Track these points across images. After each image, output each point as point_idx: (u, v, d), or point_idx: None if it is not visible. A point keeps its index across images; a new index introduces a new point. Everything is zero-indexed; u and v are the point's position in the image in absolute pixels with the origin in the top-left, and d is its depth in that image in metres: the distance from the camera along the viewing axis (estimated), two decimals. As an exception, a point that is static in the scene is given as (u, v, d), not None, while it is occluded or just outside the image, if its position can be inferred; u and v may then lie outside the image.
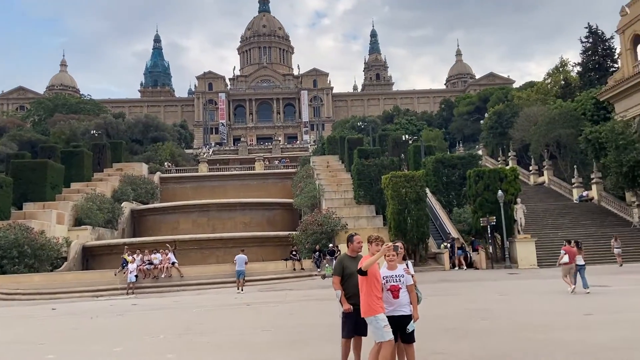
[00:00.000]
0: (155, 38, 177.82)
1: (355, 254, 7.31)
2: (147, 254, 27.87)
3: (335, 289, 7.21)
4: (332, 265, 29.74)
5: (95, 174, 55.24)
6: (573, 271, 17.13)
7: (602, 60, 63.84)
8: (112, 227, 44.63)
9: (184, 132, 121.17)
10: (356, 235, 7.47)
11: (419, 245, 31.00)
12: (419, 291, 7.10)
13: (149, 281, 27.11)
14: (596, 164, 41.96)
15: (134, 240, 39.59)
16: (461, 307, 14.03)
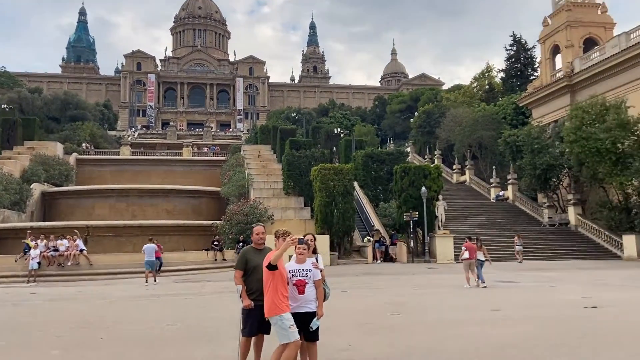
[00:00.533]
0: (80, 11, 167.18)
1: (262, 247, 6.86)
2: (53, 239, 25.92)
3: (236, 284, 6.73)
4: (256, 256, 29.22)
5: (4, 151, 51.23)
6: (473, 266, 17.87)
7: (523, 68, 67.51)
8: (19, 210, 41.45)
9: (107, 112, 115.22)
10: (257, 225, 7.01)
11: (345, 238, 31.20)
12: (327, 286, 6.80)
13: (54, 269, 25.24)
14: (513, 165, 44.19)
15: (43, 224, 36.94)
16: (377, 301, 14.04)
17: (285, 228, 26.10)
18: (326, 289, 6.76)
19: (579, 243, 36.14)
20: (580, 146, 33.80)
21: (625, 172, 32.48)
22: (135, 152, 68.60)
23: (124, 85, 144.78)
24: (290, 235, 6.21)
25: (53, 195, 46.33)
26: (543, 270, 25.14)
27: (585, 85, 41.82)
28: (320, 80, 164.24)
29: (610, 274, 22.53)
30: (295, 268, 6.45)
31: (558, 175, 40.03)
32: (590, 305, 12.57)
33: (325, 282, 6.85)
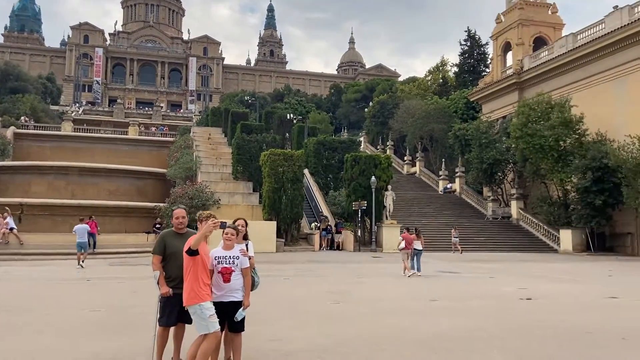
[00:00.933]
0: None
1: (183, 231, 6.33)
2: (-22, 216, 24.20)
3: (153, 270, 6.18)
4: (200, 240, 28.41)
5: None
6: (410, 255, 18.18)
7: (476, 63, 68.90)
8: (-53, 184, 38.75)
9: (50, 86, 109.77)
10: (178, 208, 6.48)
11: (292, 225, 30.84)
12: (256, 275, 6.39)
13: (-20, 248, 23.60)
14: (461, 159, 45.10)
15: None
16: (318, 290, 13.78)
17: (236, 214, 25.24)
18: (255, 278, 6.35)
19: (520, 236, 37.36)
20: (525, 142, 34.77)
21: (565, 169, 33.69)
22: (78, 129, 65.64)
23: (70, 58, 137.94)
24: (212, 219, 5.72)
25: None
26: (484, 261, 25.70)
27: (533, 83, 43.02)
28: (277, 65, 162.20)
29: (546, 266, 23.28)
30: (221, 254, 5.99)
31: (503, 170, 41.16)
32: (525, 297, 12.77)
33: (255, 271, 6.44)
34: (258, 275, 6.45)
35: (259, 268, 18.85)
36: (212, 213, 6.03)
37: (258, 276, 6.45)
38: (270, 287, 14.13)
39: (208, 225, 5.58)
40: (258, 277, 6.44)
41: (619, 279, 18.26)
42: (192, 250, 5.53)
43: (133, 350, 6.86)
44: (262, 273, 18.51)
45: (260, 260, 22.52)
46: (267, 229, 28.78)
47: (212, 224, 5.60)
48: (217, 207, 31.92)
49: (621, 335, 8.38)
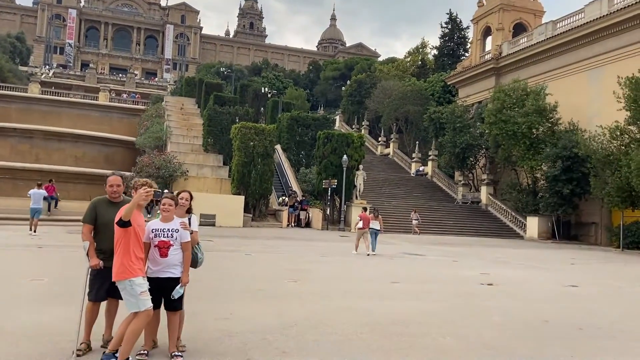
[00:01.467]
0: None
1: (118, 199, 5.79)
2: None
3: (83, 240, 5.66)
4: (165, 212, 27.71)
5: None
6: (367, 235, 18.44)
7: (456, 47, 68.59)
8: None
9: (20, 45, 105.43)
10: (112, 175, 5.93)
11: (261, 201, 30.35)
12: (199, 251, 5.90)
13: None
14: (435, 142, 45.08)
15: None
16: (279, 267, 13.41)
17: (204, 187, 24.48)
18: (198, 254, 5.87)
19: (488, 221, 37.71)
20: (499, 128, 34.81)
21: (536, 157, 33.92)
22: (46, 92, 63.27)
23: (42, 18, 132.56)
24: (144, 187, 5.19)
25: (-56, 129, 41.79)
26: (451, 245, 25.78)
27: (510, 70, 43.01)
28: (256, 37, 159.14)
29: (510, 252, 23.43)
30: (159, 227, 5.50)
31: (476, 155, 41.32)
32: (486, 282, 12.65)
33: (199, 247, 5.97)
34: (202, 251, 5.99)
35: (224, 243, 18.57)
36: (147, 181, 5.51)
37: (202, 252, 5.98)
38: (229, 263, 13.72)
39: (139, 193, 5.07)
40: (202, 253, 5.97)
41: (581, 268, 18.43)
42: (123, 221, 5.01)
43: (60, 326, 6.34)
44: (225, 248, 18.01)
45: (226, 235, 22.06)
46: (235, 203, 28.29)
47: (144, 192, 5.09)
48: (184, 179, 31.24)
49: (578, 325, 8.24)
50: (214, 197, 28.63)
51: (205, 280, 10.48)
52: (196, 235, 5.83)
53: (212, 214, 27.59)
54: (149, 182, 5.45)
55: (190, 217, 5.87)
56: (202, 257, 5.90)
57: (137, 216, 5.27)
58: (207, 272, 11.88)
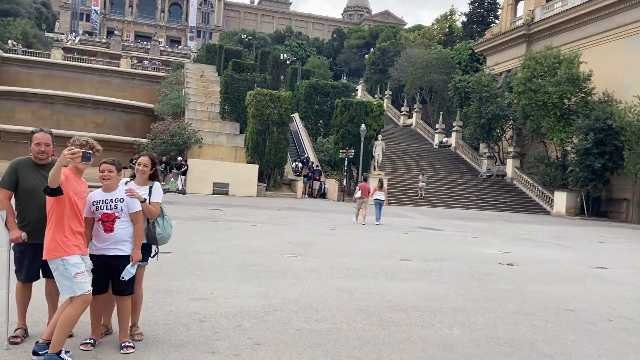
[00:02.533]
0: None
1: (46, 161, 4.88)
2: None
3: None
4: (178, 180, 27.21)
5: None
6: (366, 204, 18.80)
7: (486, 13, 65.61)
8: None
9: (45, 11, 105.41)
10: (40, 132, 4.98)
11: (275, 170, 29.54)
12: (159, 225, 5.00)
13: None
14: (459, 112, 43.35)
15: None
16: (282, 240, 12.61)
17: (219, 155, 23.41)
18: (157, 229, 4.96)
19: (512, 196, 36.27)
20: (528, 98, 33.01)
21: (567, 129, 32.15)
22: (68, 58, 63.17)
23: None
24: (71, 149, 4.27)
25: (-33, 93, 42.17)
26: (471, 219, 24.65)
27: (542, 36, 40.67)
28: (280, 5, 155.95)
29: (535, 228, 22.20)
30: (100, 198, 4.65)
31: (502, 127, 39.55)
32: (506, 262, 11.65)
33: (166, 218, 5.07)
34: (167, 225, 5.08)
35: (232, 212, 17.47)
36: (88, 140, 4.63)
37: (167, 227, 5.08)
38: (229, 234, 12.99)
39: (63, 155, 4.18)
40: (166, 228, 5.08)
41: (610, 247, 17.18)
42: (51, 188, 4.16)
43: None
44: (231, 218, 17.25)
45: (236, 204, 21.33)
46: (249, 172, 27.57)
47: (69, 153, 4.21)
48: (199, 147, 30.65)
49: (607, 315, 7.23)
50: (227, 165, 27.98)
51: (196, 254, 9.77)
52: (157, 206, 4.95)
53: (225, 183, 26.99)
54: (89, 141, 4.59)
55: (152, 185, 5.02)
56: (163, 232, 4.98)
57: (76, 182, 4.43)
58: (202, 244, 11.21)
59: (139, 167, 4.93)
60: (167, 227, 5.00)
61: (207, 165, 27.42)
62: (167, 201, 21.82)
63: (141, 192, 4.82)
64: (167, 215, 5.07)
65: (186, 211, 18.14)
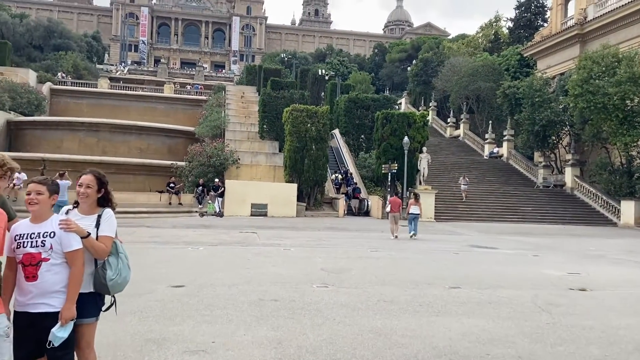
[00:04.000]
0: None
1: None
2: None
3: None
4: (216, 202, 26.46)
5: None
6: (397, 219, 18.70)
7: (533, 17, 62.93)
8: (-23, 138, 38.78)
9: (96, 44, 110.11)
10: None
11: (315, 188, 28.29)
12: (111, 267, 3.60)
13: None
14: (510, 120, 40.92)
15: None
16: (314, 266, 11.27)
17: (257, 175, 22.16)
18: (108, 272, 3.60)
19: (573, 207, 33.45)
20: (586, 101, 30.44)
21: (631, 132, 29.35)
22: (114, 87, 65.02)
23: (116, 17, 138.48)
24: None
25: (19, 125, 43.74)
26: (529, 234, 22.49)
27: (597, 35, 37.91)
28: (321, 24, 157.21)
29: (604, 243, 19.85)
30: (26, 231, 3.45)
31: (558, 133, 36.84)
32: (577, 287, 9.83)
33: (120, 258, 3.71)
34: (123, 267, 3.69)
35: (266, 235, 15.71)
36: (5, 159, 3.50)
37: (128, 267, 3.75)
38: (258, 261, 11.76)
39: None
40: (128, 268, 3.75)
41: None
42: None
43: None
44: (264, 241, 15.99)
45: (273, 226, 20.14)
46: (288, 192, 26.49)
47: None
48: (237, 167, 29.95)
49: None
50: (265, 185, 27.04)
51: (212, 287, 8.56)
52: (107, 242, 3.67)
53: (263, 204, 25.99)
54: (6, 161, 3.45)
55: (100, 213, 3.76)
56: (117, 277, 3.63)
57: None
58: (223, 273, 9.99)
59: (79, 190, 3.71)
60: (122, 269, 3.69)
61: (245, 186, 26.59)
62: (204, 225, 21.12)
63: (85, 224, 3.59)
64: (123, 252, 3.78)
65: (219, 235, 17.14)
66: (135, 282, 8.72)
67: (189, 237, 16.12)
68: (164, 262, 11.04)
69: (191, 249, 13.43)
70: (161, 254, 12.36)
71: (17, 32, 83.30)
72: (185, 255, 12.34)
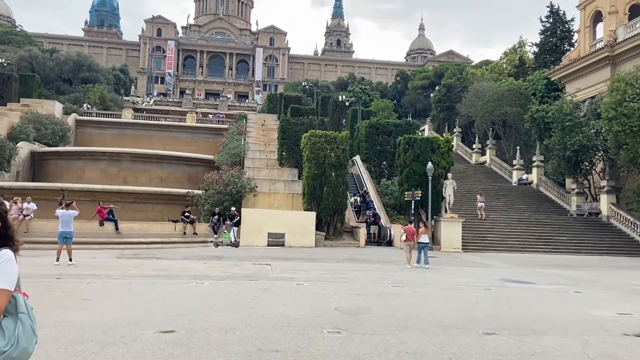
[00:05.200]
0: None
1: None
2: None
3: None
4: (232, 232, 25.47)
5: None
6: (412, 248, 18.56)
7: (559, 42, 61.52)
8: (0, 169, 39.02)
9: (123, 77, 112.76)
10: None
11: (335, 217, 27.08)
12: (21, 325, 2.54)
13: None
14: (539, 145, 39.25)
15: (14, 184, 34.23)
16: (328, 305, 10.03)
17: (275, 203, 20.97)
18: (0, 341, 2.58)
19: (611, 236, 31.41)
20: (620, 124, 28.84)
21: (672, 156, 27.53)
22: (138, 116, 65.69)
23: (144, 51, 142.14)
24: None
25: (42, 155, 44.12)
26: (566, 267, 20.77)
27: (629, 57, 36.36)
28: (343, 54, 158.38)
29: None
30: None
31: (591, 158, 35.02)
32: (633, 332, 8.38)
33: (20, 319, 2.66)
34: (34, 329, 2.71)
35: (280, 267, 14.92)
36: None
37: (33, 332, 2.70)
38: (265, 299, 10.59)
39: None
40: (33, 333, 2.64)
41: None
42: None
43: None
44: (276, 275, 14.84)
45: (289, 257, 18.87)
46: (306, 221, 25.36)
47: None
48: (254, 195, 29.03)
49: None
50: (282, 214, 25.98)
51: (206, 332, 7.42)
52: (1, 297, 2.61)
53: (280, 233, 24.89)
54: None
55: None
56: (12, 348, 2.58)
57: None
58: (222, 314, 8.75)
59: None
60: (21, 336, 2.60)
61: (261, 215, 25.57)
62: (216, 256, 20.07)
63: None
64: (26, 312, 2.68)
65: (230, 268, 16.05)
66: (121, 325, 7.72)
67: (197, 270, 15.07)
68: (161, 301, 9.98)
69: (195, 283, 12.36)
70: (162, 290, 11.31)
71: (47, 66, 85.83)
72: (187, 291, 11.27)
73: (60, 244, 15.75)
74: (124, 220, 28.91)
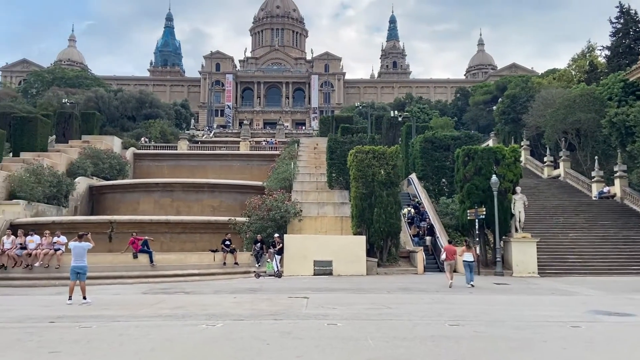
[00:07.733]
0: (167, 16, 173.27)
1: None
2: (21, 235, 21.71)
3: None
4: (275, 260, 23.42)
5: (58, 145, 51.54)
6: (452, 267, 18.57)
7: (633, 43, 56.14)
8: (58, 204, 39.43)
9: (184, 111, 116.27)
10: None
11: (388, 241, 24.29)
12: None
13: (21, 271, 21.00)
14: (621, 153, 34.68)
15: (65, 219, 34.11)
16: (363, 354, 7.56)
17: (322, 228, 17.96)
18: None
19: None
20: None
21: None
22: (193, 147, 66.24)
23: (203, 86, 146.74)
24: None
25: (100, 189, 44.70)
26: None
27: None
28: (400, 75, 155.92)
29: None
30: None
31: (687, 164, 30.28)
32: None
33: None
34: None
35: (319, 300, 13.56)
36: None
37: None
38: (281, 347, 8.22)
39: None
40: None
41: None
42: None
43: None
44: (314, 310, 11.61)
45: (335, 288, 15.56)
46: (355, 246, 22.82)
47: None
48: (299, 220, 26.90)
49: None
50: (327, 239, 23.60)
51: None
52: None
53: (327, 260, 22.50)
54: None
55: None
56: None
57: None
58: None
59: None
60: None
61: (305, 240, 23.34)
62: (252, 289, 17.79)
63: None
64: None
65: (258, 304, 13.84)
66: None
67: (220, 308, 12.98)
68: (146, 353, 7.89)
69: (205, 326, 10.21)
70: (157, 337, 9.25)
71: (112, 105, 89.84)
72: (187, 339, 9.12)
73: (72, 280, 14.22)
74: (173, 251, 27.71)
